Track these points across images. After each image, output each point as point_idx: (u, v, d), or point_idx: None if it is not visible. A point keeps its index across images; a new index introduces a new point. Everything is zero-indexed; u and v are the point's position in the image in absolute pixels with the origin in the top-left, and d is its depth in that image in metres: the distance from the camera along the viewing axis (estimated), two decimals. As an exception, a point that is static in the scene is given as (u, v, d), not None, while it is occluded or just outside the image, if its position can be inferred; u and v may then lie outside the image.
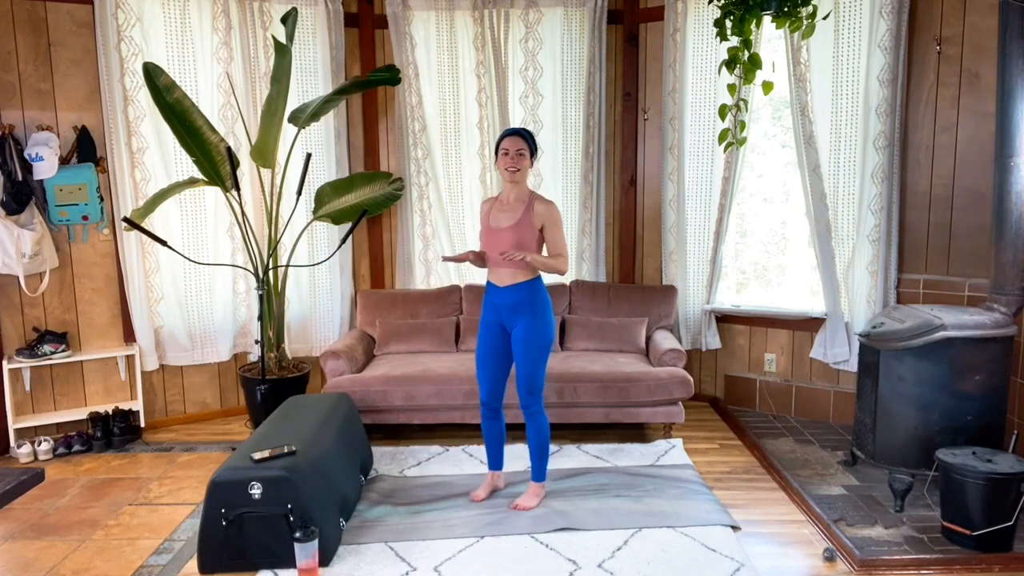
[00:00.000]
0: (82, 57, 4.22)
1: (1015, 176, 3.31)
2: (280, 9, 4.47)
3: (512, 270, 3.18)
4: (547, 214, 3.18)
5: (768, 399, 4.67)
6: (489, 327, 3.32)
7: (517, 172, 3.16)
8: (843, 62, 4.08)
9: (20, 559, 3.00)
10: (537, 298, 3.22)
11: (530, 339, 3.21)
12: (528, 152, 3.18)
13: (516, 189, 3.22)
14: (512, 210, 3.21)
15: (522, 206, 3.20)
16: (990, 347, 3.33)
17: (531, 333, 3.21)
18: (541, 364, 3.24)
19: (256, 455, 2.88)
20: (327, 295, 4.92)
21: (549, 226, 3.18)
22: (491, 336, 3.32)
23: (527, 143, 3.18)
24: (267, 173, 4.45)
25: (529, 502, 3.31)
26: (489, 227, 3.24)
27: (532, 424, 3.28)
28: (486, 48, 4.70)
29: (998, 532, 2.87)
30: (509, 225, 3.18)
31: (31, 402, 4.31)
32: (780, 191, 4.75)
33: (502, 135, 3.22)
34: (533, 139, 3.23)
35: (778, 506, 3.39)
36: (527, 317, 3.20)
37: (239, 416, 4.77)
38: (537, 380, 3.23)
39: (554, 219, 3.18)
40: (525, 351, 3.21)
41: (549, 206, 3.19)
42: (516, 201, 3.22)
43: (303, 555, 2.68)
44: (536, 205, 3.19)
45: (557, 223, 3.19)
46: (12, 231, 4.00)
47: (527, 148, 3.18)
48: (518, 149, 3.15)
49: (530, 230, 3.17)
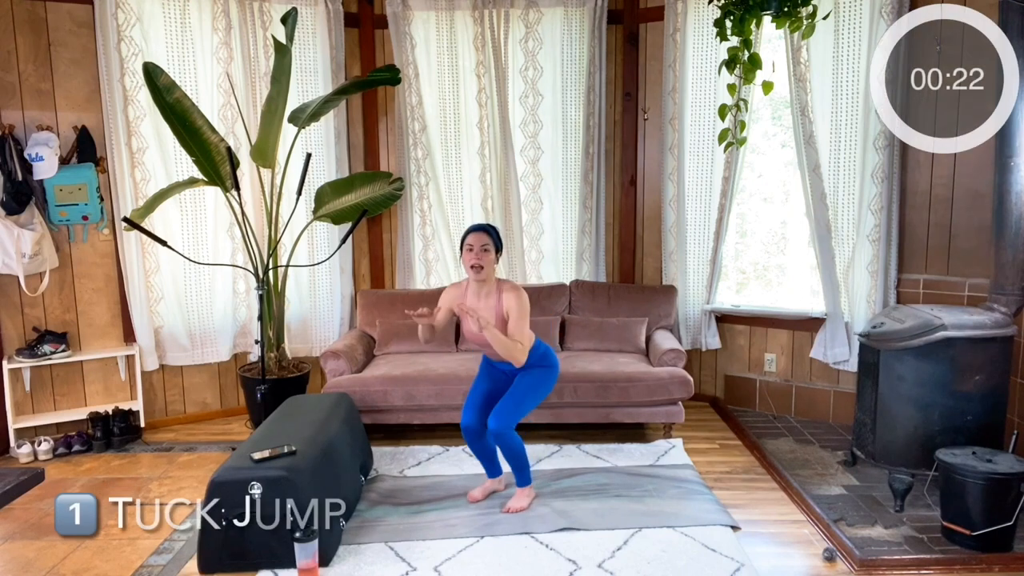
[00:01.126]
0: (82, 57, 4.22)
1: (1015, 176, 3.31)
2: (280, 9, 4.47)
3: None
4: (512, 303, 3.16)
5: (768, 399, 4.67)
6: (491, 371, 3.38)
7: (482, 269, 3.14)
8: (843, 62, 4.08)
9: (20, 559, 3.00)
10: (547, 361, 3.28)
11: (535, 381, 3.24)
12: (492, 247, 3.17)
13: (484, 283, 3.21)
14: (485, 304, 3.21)
15: (494, 299, 3.20)
16: (990, 347, 3.34)
17: (538, 378, 3.25)
18: (529, 403, 3.24)
19: (256, 455, 2.88)
20: (327, 295, 4.91)
21: (512, 314, 3.16)
22: (494, 377, 3.37)
23: (492, 239, 3.17)
24: (267, 173, 4.44)
25: (520, 503, 3.30)
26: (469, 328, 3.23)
27: (504, 447, 3.24)
28: (486, 48, 4.70)
29: (998, 532, 2.87)
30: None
31: (31, 402, 4.31)
32: (780, 191, 4.75)
33: (467, 231, 3.22)
34: (497, 234, 3.23)
35: (778, 506, 3.39)
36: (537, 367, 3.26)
37: (239, 416, 4.77)
38: (518, 414, 3.21)
39: (519, 308, 3.15)
40: (523, 385, 3.23)
41: (516, 294, 3.17)
42: (487, 296, 3.22)
43: (303, 555, 2.68)
44: (504, 297, 3.18)
45: (520, 311, 3.16)
46: (12, 231, 4.00)
47: (491, 243, 3.16)
48: (483, 245, 3.14)
49: (503, 325, 3.18)
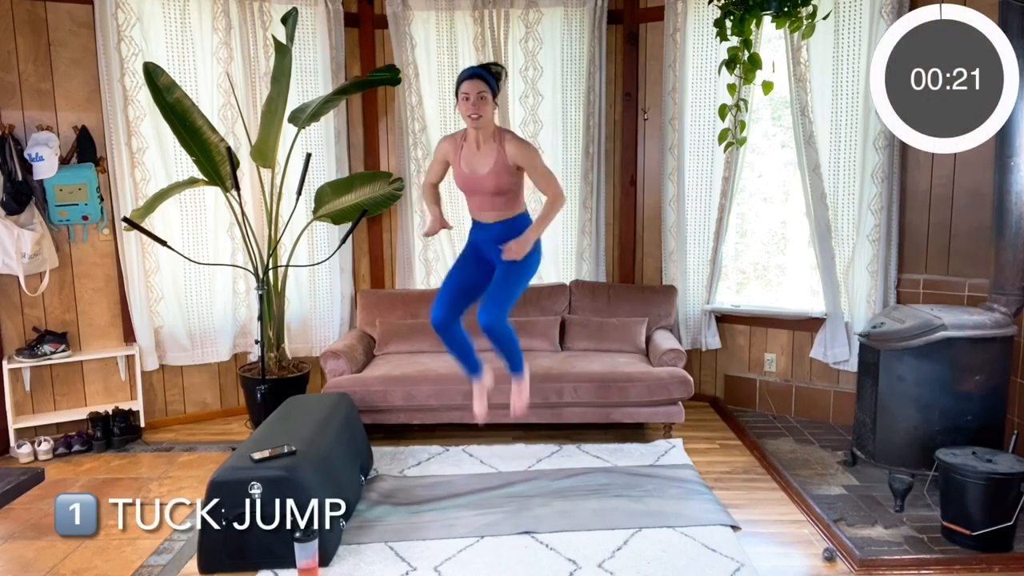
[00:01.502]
0: (82, 57, 4.22)
1: (1015, 176, 3.31)
2: (280, 9, 4.47)
3: (498, 210, 3.07)
4: (519, 155, 3.00)
5: (768, 399, 4.67)
6: (468, 257, 3.20)
7: (480, 118, 2.96)
8: (843, 62, 4.08)
9: (20, 559, 3.00)
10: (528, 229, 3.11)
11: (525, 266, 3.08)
12: (490, 94, 2.97)
13: (482, 131, 3.04)
14: (484, 153, 3.04)
15: (493, 148, 3.03)
16: (990, 347, 3.33)
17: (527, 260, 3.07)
18: (518, 287, 3.10)
19: (256, 455, 2.88)
20: (327, 295, 4.91)
21: (528, 166, 3.01)
22: (469, 265, 3.18)
23: (488, 84, 2.96)
24: (267, 173, 4.44)
25: (522, 399, 3.17)
26: (464, 173, 3.08)
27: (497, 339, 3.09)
28: (486, 48, 4.70)
29: (998, 532, 2.87)
30: (486, 172, 3.02)
31: (31, 402, 4.31)
32: (780, 191, 4.75)
33: (461, 76, 3.01)
34: (495, 76, 3.01)
35: (778, 506, 3.39)
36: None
37: (239, 416, 4.77)
38: (509, 302, 3.07)
39: (528, 158, 3.00)
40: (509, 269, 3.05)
41: (521, 143, 3.02)
42: (485, 143, 3.05)
43: (303, 555, 2.68)
44: (507, 145, 3.01)
45: (534, 161, 3.00)
46: (12, 231, 4.00)
47: (488, 90, 2.96)
48: (479, 92, 2.93)
49: (508, 173, 3.02)
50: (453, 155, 3.14)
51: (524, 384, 3.26)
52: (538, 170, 3.05)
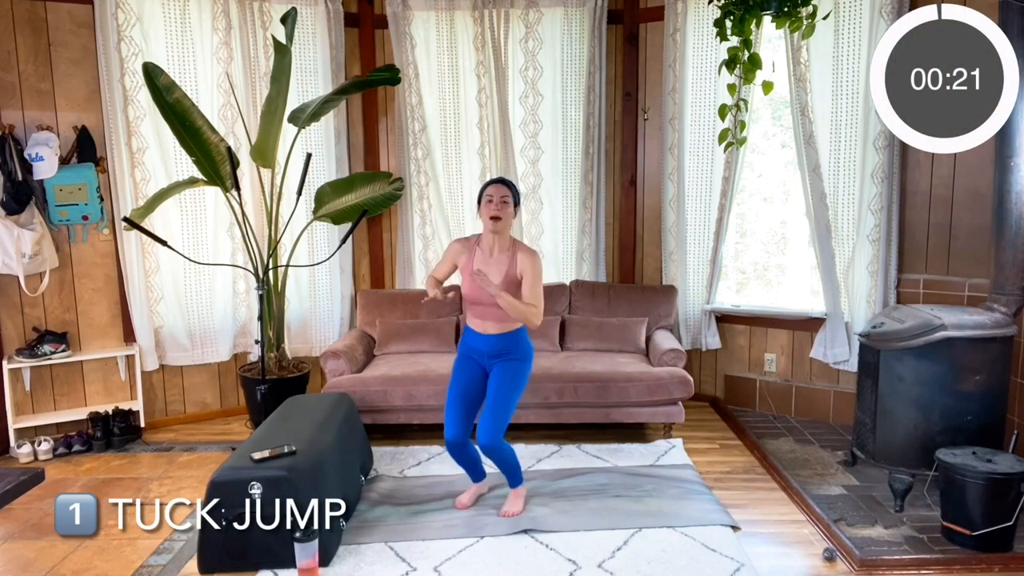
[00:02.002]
0: (82, 57, 4.22)
1: (1015, 176, 3.31)
2: (280, 9, 4.47)
3: (499, 321, 3.12)
4: (527, 265, 3.08)
5: (768, 399, 4.67)
6: (465, 367, 3.25)
7: (500, 221, 3.06)
8: (843, 62, 4.08)
9: (20, 559, 3.00)
10: (522, 344, 3.18)
11: (511, 378, 3.14)
12: (512, 201, 3.10)
13: (499, 239, 3.12)
14: (497, 263, 3.12)
15: (506, 258, 3.11)
16: (990, 347, 3.33)
17: (513, 373, 3.15)
18: (511, 406, 3.16)
19: (256, 455, 2.88)
20: (327, 295, 4.91)
21: (527, 277, 3.08)
22: (467, 375, 3.23)
23: (511, 191, 3.11)
24: (267, 173, 4.44)
25: (516, 506, 3.25)
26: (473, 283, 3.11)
27: (497, 459, 3.19)
28: (486, 48, 4.70)
29: (998, 532, 2.87)
30: (498, 282, 3.07)
31: (31, 402, 4.31)
32: (780, 191, 4.75)
33: (486, 184, 3.16)
34: (516, 188, 3.16)
35: (778, 506, 3.39)
36: (511, 360, 3.15)
37: (239, 416, 4.77)
38: (504, 422, 3.14)
39: (533, 270, 3.08)
40: (508, 391, 3.13)
41: (531, 257, 3.10)
42: (500, 253, 3.13)
43: (303, 555, 2.68)
44: (519, 257, 3.10)
45: (536, 275, 3.09)
46: (12, 231, 4.00)
47: (511, 196, 3.10)
48: (502, 196, 3.07)
49: (515, 286, 3.09)
50: (465, 259, 3.20)
51: (521, 492, 3.32)
52: (533, 282, 3.08)
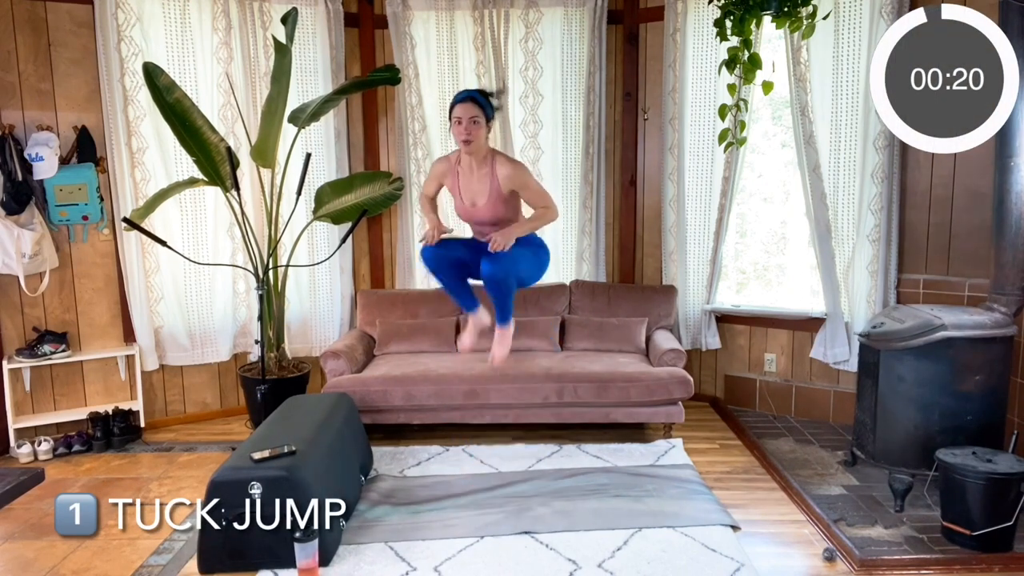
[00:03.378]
0: (82, 57, 4.21)
1: (1015, 176, 3.31)
2: (280, 9, 4.47)
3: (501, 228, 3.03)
4: (513, 177, 2.97)
5: (768, 399, 4.67)
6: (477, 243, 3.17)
7: (471, 143, 2.95)
8: (843, 62, 4.08)
9: (20, 559, 3.00)
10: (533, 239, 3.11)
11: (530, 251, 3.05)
12: (483, 118, 2.94)
13: (475, 155, 3.02)
14: (479, 180, 3.02)
15: (487, 174, 3.00)
16: (990, 347, 3.33)
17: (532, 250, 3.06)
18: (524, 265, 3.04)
19: (256, 455, 2.88)
20: (327, 295, 4.91)
21: (520, 187, 2.99)
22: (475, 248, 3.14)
23: (481, 108, 2.94)
24: (267, 173, 4.44)
25: (503, 350, 3.14)
26: (463, 205, 3.08)
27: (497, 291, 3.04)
28: (486, 48, 4.70)
29: (998, 532, 2.87)
30: (483, 203, 3.00)
31: (31, 402, 4.31)
32: (780, 191, 4.75)
33: (454, 99, 2.99)
34: (488, 100, 2.97)
35: (778, 506, 3.39)
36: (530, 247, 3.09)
37: (239, 416, 4.77)
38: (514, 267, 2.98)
39: (521, 179, 2.98)
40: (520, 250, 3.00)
41: (514, 166, 2.99)
42: (479, 168, 3.02)
43: (303, 555, 2.68)
44: (499, 169, 2.98)
45: (526, 181, 2.98)
46: (12, 231, 4.00)
47: (481, 114, 2.94)
48: (471, 116, 2.91)
49: (503, 202, 3.01)
50: (450, 180, 3.13)
51: (508, 333, 3.19)
52: (530, 188, 3.03)
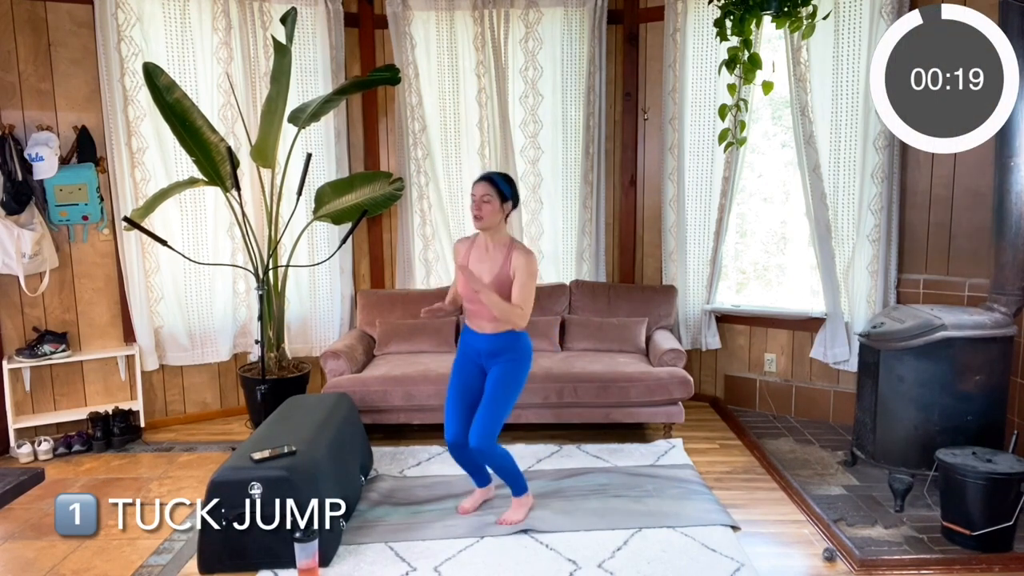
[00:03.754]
0: (82, 57, 4.22)
1: (1015, 176, 3.31)
2: (280, 9, 4.47)
3: (494, 320, 3.05)
4: (520, 266, 3.00)
5: (768, 399, 4.67)
6: (464, 366, 3.20)
7: (481, 220, 3.00)
8: (843, 62, 4.08)
9: (20, 559, 3.00)
10: (519, 345, 3.10)
11: (510, 382, 3.08)
12: (497, 197, 2.99)
13: (492, 236, 3.06)
14: (491, 260, 3.06)
15: (501, 256, 3.04)
16: (990, 347, 3.33)
17: (512, 377, 3.08)
18: (506, 408, 3.10)
19: (256, 455, 2.88)
20: (327, 295, 4.91)
21: (517, 276, 3.00)
22: (466, 374, 3.19)
23: (496, 188, 3.00)
24: (267, 173, 4.44)
25: (515, 516, 3.18)
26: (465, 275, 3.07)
27: (491, 464, 3.15)
28: (486, 48, 4.70)
29: (998, 532, 2.87)
30: (489, 280, 3.02)
31: (31, 402, 4.31)
32: (780, 191, 4.75)
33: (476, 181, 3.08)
34: (507, 183, 3.03)
35: (778, 506, 3.39)
36: (508, 361, 3.09)
37: (239, 416, 4.77)
38: (500, 423, 3.08)
39: (525, 271, 3.00)
40: (501, 392, 3.07)
41: (525, 257, 3.01)
42: (495, 250, 3.06)
43: (303, 555, 2.68)
44: (514, 257, 3.01)
45: (527, 275, 3.00)
46: (12, 231, 3.99)
47: (494, 193, 2.99)
48: (482, 196, 2.98)
49: (507, 286, 3.02)
50: (463, 257, 3.14)
51: (524, 501, 3.24)
52: (528, 279, 3.01)
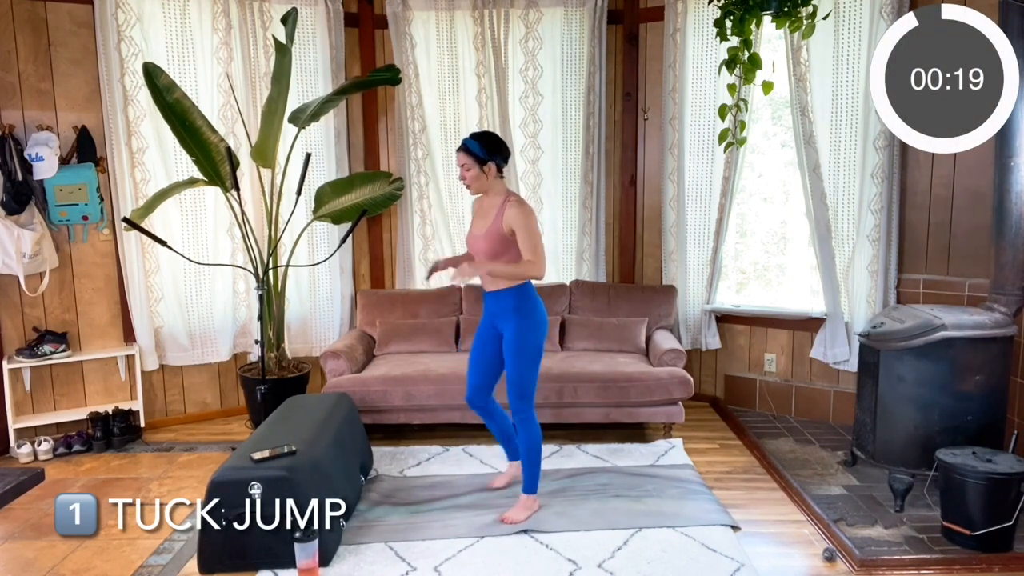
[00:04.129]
0: (82, 57, 4.21)
1: (1015, 176, 3.31)
2: (280, 9, 4.47)
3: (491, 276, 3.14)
4: (515, 217, 3.04)
5: (768, 399, 4.67)
6: (484, 328, 3.33)
7: (470, 188, 3.14)
8: (843, 62, 4.08)
9: (20, 559, 3.00)
10: (523, 304, 3.13)
11: (517, 344, 3.14)
12: (475, 163, 3.07)
13: (488, 194, 3.15)
14: (486, 216, 3.14)
15: (494, 211, 3.11)
16: (990, 347, 3.33)
17: (518, 338, 3.14)
18: (529, 369, 3.16)
19: (256, 455, 2.88)
20: (327, 295, 4.91)
21: (517, 230, 3.04)
22: (484, 337, 3.32)
23: (470, 154, 3.08)
24: (267, 173, 4.44)
25: (518, 515, 3.21)
26: (471, 233, 3.21)
27: (523, 431, 3.21)
28: (486, 48, 4.70)
29: (998, 532, 2.87)
30: (480, 234, 3.11)
31: (31, 402, 4.31)
32: (780, 191, 4.75)
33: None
34: (482, 146, 3.08)
35: (778, 506, 3.39)
36: (514, 322, 3.14)
37: (239, 416, 4.77)
38: (526, 385, 3.16)
39: (522, 222, 3.04)
40: (512, 355, 3.16)
41: (520, 208, 3.06)
42: (490, 206, 3.14)
43: (303, 555, 2.68)
44: (507, 209, 3.06)
45: (525, 226, 3.03)
46: (12, 231, 3.99)
47: (471, 159, 3.08)
48: (462, 165, 3.11)
49: (499, 239, 3.07)
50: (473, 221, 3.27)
51: (529, 503, 3.26)
52: (528, 230, 3.04)
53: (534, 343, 3.16)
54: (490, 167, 3.10)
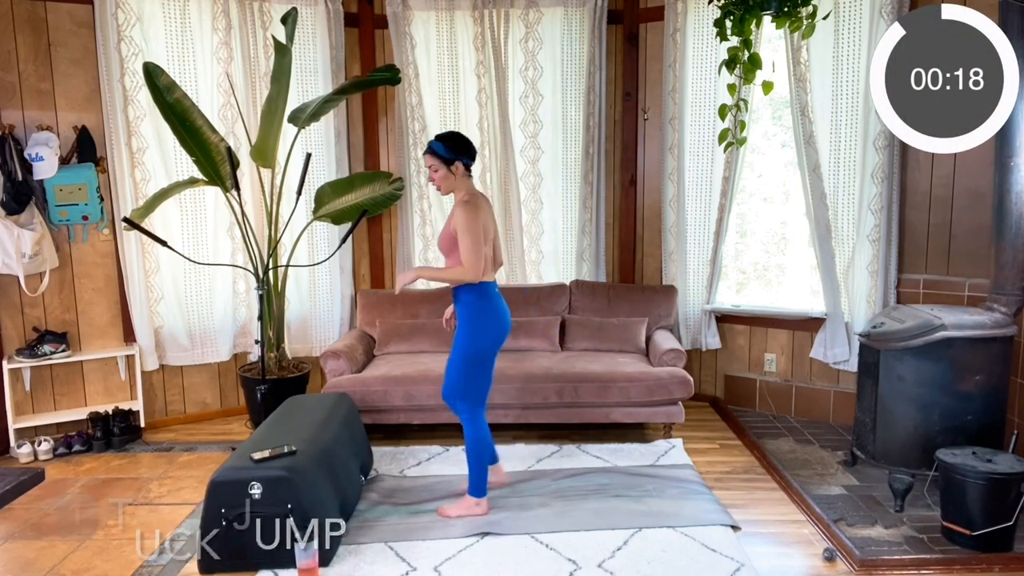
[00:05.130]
0: (82, 57, 4.22)
1: (1015, 176, 3.31)
2: (280, 9, 4.47)
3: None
4: (458, 217, 3.04)
5: (768, 399, 4.67)
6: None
7: (440, 189, 3.17)
8: (843, 62, 4.08)
9: (20, 559, 3.00)
10: (472, 307, 3.13)
11: (458, 345, 3.17)
12: (441, 163, 3.10)
13: (455, 195, 3.18)
14: (448, 216, 3.21)
15: (451, 215, 3.15)
16: (990, 347, 3.33)
17: (461, 339, 3.17)
18: (469, 372, 3.15)
19: (256, 455, 2.88)
20: (327, 295, 4.92)
21: (457, 230, 3.04)
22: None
23: (436, 156, 3.10)
24: (267, 173, 4.45)
25: (453, 510, 3.22)
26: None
27: (466, 430, 3.22)
28: (486, 48, 4.70)
29: (998, 532, 2.87)
30: (441, 234, 3.18)
31: (31, 402, 4.31)
32: (780, 191, 4.75)
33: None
34: (445, 148, 3.10)
35: (778, 506, 3.39)
36: (462, 324, 3.17)
37: (239, 416, 4.77)
38: (468, 387, 3.17)
39: (461, 223, 3.01)
40: (454, 354, 3.20)
41: (461, 208, 3.04)
42: (453, 207, 3.17)
43: (303, 555, 2.68)
44: (456, 213, 3.07)
45: (464, 227, 3.01)
46: (12, 231, 4.00)
47: (438, 160, 3.10)
48: (429, 166, 3.15)
49: (451, 239, 3.09)
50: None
51: (471, 505, 3.24)
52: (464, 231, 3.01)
53: (477, 347, 3.15)
54: (457, 167, 3.13)
